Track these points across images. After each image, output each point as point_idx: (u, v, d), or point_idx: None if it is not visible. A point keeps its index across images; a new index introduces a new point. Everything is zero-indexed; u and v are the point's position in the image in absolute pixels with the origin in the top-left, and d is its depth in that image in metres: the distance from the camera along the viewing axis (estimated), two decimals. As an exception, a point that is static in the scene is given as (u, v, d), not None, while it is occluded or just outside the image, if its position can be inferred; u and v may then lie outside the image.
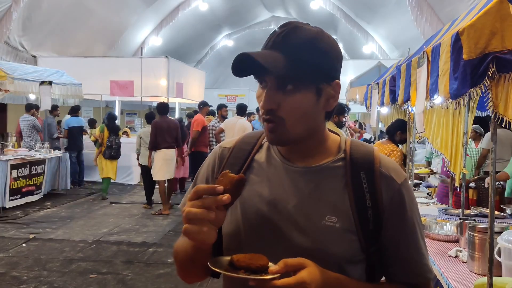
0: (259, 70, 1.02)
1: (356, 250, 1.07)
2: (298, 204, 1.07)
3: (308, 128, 1.08)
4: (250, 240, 1.09)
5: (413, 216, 1.11)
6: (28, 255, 5.64)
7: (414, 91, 3.16)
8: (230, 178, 0.96)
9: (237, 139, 1.24)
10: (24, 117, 9.68)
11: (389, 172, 1.10)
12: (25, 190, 8.27)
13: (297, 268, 0.94)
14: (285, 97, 1.03)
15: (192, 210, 0.93)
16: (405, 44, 10.92)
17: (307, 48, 1.03)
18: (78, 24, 12.63)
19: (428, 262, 1.14)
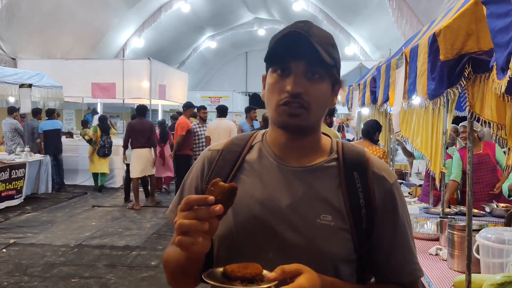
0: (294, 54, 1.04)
1: (350, 249, 1.08)
2: (292, 203, 1.08)
3: (319, 119, 1.12)
4: (243, 242, 1.09)
5: (403, 216, 1.14)
6: (9, 260, 5.54)
7: (392, 91, 3.20)
8: (221, 187, 0.95)
9: (226, 141, 1.24)
10: (6, 120, 9.53)
11: (381, 172, 1.13)
12: (4, 195, 8.13)
13: (294, 275, 0.94)
14: (311, 85, 1.06)
15: (185, 222, 0.92)
16: (386, 45, 11.04)
17: (329, 43, 1.09)
18: (59, 26, 12.47)
19: (418, 261, 1.16)
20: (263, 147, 1.17)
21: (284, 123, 1.08)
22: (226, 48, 24.27)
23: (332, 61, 1.07)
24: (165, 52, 17.91)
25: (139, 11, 15.23)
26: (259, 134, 1.22)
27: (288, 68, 1.06)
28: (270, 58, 1.09)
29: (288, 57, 1.06)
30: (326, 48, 1.06)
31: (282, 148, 1.14)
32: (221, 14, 19.53)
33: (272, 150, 1.15)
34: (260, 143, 1.19)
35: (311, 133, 1.13)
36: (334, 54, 1.09)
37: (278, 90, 1.07)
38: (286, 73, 1.06)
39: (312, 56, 1.03)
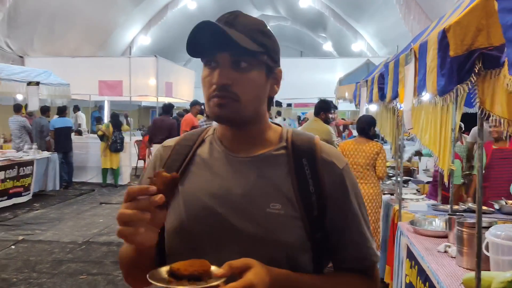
0: (215, 45, 1.03)
1: (302, 237, 1.07)
2: (243, 193, 1.07)
3: (257, 110, 1.10)
4: (196, 234, 1.08)
5: (355, 201, 1.13)
6: (17, 257, 5.58)
7: (402, 88, 3.17)
8: (163, 177, 0.95)
9: (179, 137, 1.25)
10: (13, 118, 9.59)
11: (330, 158, 1.12)
12: (12, 192, 8.18)
13: (243, 270, 0.93)
14: (240, 75, 1.05)
15: (126, 212, 0.92)
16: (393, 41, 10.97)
17: (258, 30, 1.08)
18: (66, 24, 12.52)
19: (373, 245, 1.16)
20: (213, 140, 1.17)
21: (215, 115, 1.08)
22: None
23: (261, 48, 1.06)
24: (171, 50, 17.93)
25: (145, 9, 15.26)
26: (211, 129, 1.22)
27: (215, 60, 1.06)
28: (192, 51, 1.07)
29: (212, 49, 1.05)
30: (252, 35, 1.05)
31: (230, 140, 1.14)
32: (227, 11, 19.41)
33: (221, 143, 1.15)
34: (211, 137, 1.19)
35: (251, 124, 1.11)
36: (263, 41, 1.07)
37: (208, 84, 1.07)
38: (214, 65, 1.06)
39: (234, 46, 1.01)
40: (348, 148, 4.77)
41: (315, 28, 20.15)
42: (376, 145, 4.76)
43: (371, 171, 4.69)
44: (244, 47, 1.01)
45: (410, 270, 3.29)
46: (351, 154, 4.74)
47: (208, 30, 1.02)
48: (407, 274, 3.42)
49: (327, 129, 5.52)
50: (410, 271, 3.30)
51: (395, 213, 4.36)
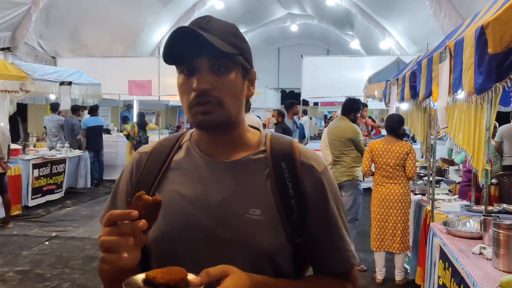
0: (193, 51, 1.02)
1: (283, 241, 1.06)
2: (221, 199, 1.06)
3: (238, 112, 1.09)
4: (175, 242, 1.07)
5: (334, 203, 1.12)
6: (51, 253, 5.73)
7: (436, 86, 3.12)
8: (145, 201, 0.92)
9: (155, 143, 1.22)
10: (51, 116, 9.85)
11: (309, 161, 1.11)
12: (46, 189, 8.40)
13: (221, 277, 0.92)
14: (219, 78, 1.04)
15: (108, 239, 0.90)
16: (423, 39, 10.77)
17: (231, 32, 1.07)
18: (96, 25, 12.76)
19: (351, 248, 1.15)
20: (190, 146, 1.15)
21: (198, 123, 1.07)
22: (258, 44, 24.27)
23: (236, 50, 1.05)
24: (198, 49, 18.04)
25: (173, 9, 15.40)
26: (188, 134, 1.20)
27: (192, 66, 1.04)
28: (169, 58, 1.05)
29: (189, 55, 1.03)
30: (227, 38, 1.04)
31: (208, 145, 1.13)
32: (254, 10, 19.54)
33: (199, 148, 1.14)
34: (188, 142, 1.17)
35: (232, 127, 1.10)
36: (237, 43, 1.07)
37: (187, 91, 1.05)
38: (191, 72, 1.04)
39: (212, 50, 1.00)
40: (377, 148, 4.69)
41: (342, 26, 19.96)
42: (406, 145, 4.67)
43: (400, 171, 4.61)
44: (221, 50, 1.00)
45: (444, 271, 3.23)
46: (380, 154, 4.66)
47: (184, 36, 1.01)
48: (440, 276, 3.36)
49: (354, 128, 5.42)
50: (443, 272, 3.24)
51: (427, 213, 4.29)
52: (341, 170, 5.29)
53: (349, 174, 5.25)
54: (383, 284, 4.83)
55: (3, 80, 7.45)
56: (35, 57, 11.21)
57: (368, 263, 5.37)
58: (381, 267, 4.86)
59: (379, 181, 4.71)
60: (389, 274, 4.95)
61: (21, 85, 7.90)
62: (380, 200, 4.67)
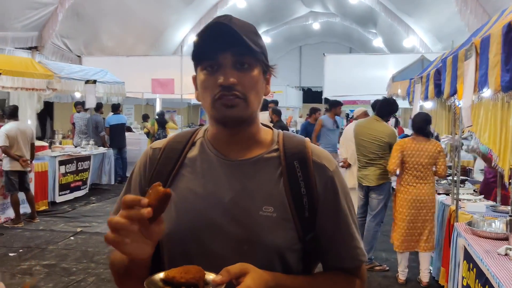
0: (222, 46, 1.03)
1: (294, 238, 1.08)
2: (234, 197, 1.08)
3: (256, 110, 1.11)
4: (188, 239, 1.08)
5: (345, 202, 1.14)
6: (76, 247, 5.85)
7: (461, 84, 3.07)
8: (156, 192, 0.93)
9: (168, 138, 1.23)
10: (82, 114, 10.05)
11: (321, 160, 1.13)
12: (73, 186, 8.57)
13: (239, 275, 0.94)
14: (243, 74, 1.06)
15: (114, 218, 0.91)
16: (448, 37, 10.60)
17: (252, 31, 1.09)
18: (120, 24, 12.95)
19: (361, 245, 1.17)
20: (204, 143, 1.16)
21: (222, 117, 1.07)
22: (280, 42, 24.24)
23: (259, 48, 1.07)
24: (220, 48, 18.12)
25: (196, 8, 15.50)
26: (201, 130, 1.21)
27: (217, 62, 1.05)
28: (198, 55, 1.07)
29: (215, 51, 1.04)
30: (250, 36, 1.05)
31: (222, 143, 1.14)
32: (276, 9, 19.51)
33: (212, 145, 1.15)
34: (202, 139, 1.18)
35: (250, 124, 1.12)
36: (259, 42, 1.09)
37: (211, 86, 1.06)
38: (215, 68, 1.06)
39: (239, 45, 1.02)
40: (408, 147, 4.52)
41: (365, 24, 19.77)
42: (436, 144, 4.53)
43: (430, 171, 4.49)
44: (250, 46, 1.02)
45: (468, 272, 3.18)
46: (412, 154, 4.49)
47: (213, 31, 1.03)
48: (464, 277, 3.31)
49: (393, 131, 5.15)
50: (467, 273, 3.20)
51: (451, 213, 4.24)
52: (377, 173, 5.07)
53: (385, 176, 5.07)
54: (405, 285, 4.78)
55: (30, 78, 7.63)
56: (61, 56, 11.44)
57: (390, 263, 5.32)
58: (404, 267, 4.79)
59: (409, 181, 4.54)
60: (411, 274, 4.90)
61: (48, 83, 8.07)
62: (411, 201, 4.51)
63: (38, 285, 4.60)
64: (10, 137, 6.54)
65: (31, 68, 7.77)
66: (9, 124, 6.72)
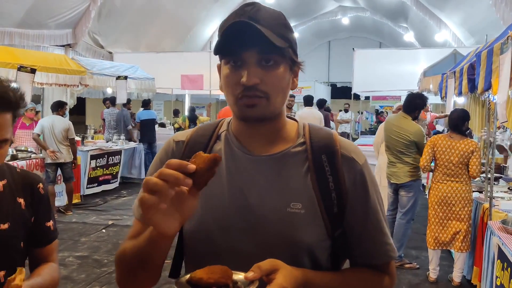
0: (242, 45, 0.99)
1: (322, 235, 1.06)
2: (262, 193, 1.05)
3: (281, 105, 1.08)
4: (214, 235, 1.06)
5: (374, 197, 1.11)
6: (108, 240, 5.98)
7: (496, 79, 2.99)
8: (202, 157, 0.87)
9: (190, 131, 1.19)
10: (111, 110, 10.27)
11: (350, 154, 1.09)
12: (102, 179, 8.75)
13: (270, 272, 0.91)
14: (267, 72, 1.02)
15: (152, 179, 0.84)
16: (481, 31, 10.31)
17: (281, 24, 1.04)
18: (150, 20, 13.11)
19: (391, 241, 1.14)
20: (229, 137, 1.13)
21: (244, 116, 1.05)
22: (308, 37, 24.06)
23: (286, 43, 1.02)
24: (249, 44, 18.14)
25: (224, 4, 15.56)
26: (225, 123, 1.17)
27: (240, 58, 1.01)
28: (220, 51, 1.03)
29: (238, 47, 1.00)
30: (277, 30, 1.01)
31: (247, 138, 1.11)
32: (305, 3, 19.38)
33: (237, 140, 1.12)
34: (226, 132, 1.14)
35: (273, 120, 1.08)
36: (287, 35, 1.04)
37: (233, 83, 1.02)
38: (239, 64, 1.02)
39: (263, 44, 0.98)
40: (440, 144, 4.43)
41: (396, 18, 19.43)
42: (471, 143, 4.39)
43: (463, 169, 4.35)
44: (274, 43, 0.98)
45: (502, 272, 3.11)
46: (443, 151, 4.40)
47: (236, 27, 0.98)
48: (498, 276, 3.24)
49: (420, 130, 5.00)
50: (501, 273, 3.13)
51: (484, 211, 4.14)
52: (404, 170, 4.99)
53: (414, 174, 4.99)
54: (436, 283, 4.70)
55: (63, 74, 7.82)
56: (93, 53, 11.68)
57: (420, 261, 5.25)
58: (436, 265, 4.71)
59: (440, 178, 4.46)
60: (442, 273, 4.81)
61: (81, 79, 8.26)
62: (441, 198, 4.42)
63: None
64: (45, 128, 6.83)
65: (64, 65, 7.97)
66: (48, 116, 7.02)
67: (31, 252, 1.52)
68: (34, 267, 1.51)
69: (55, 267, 1.53)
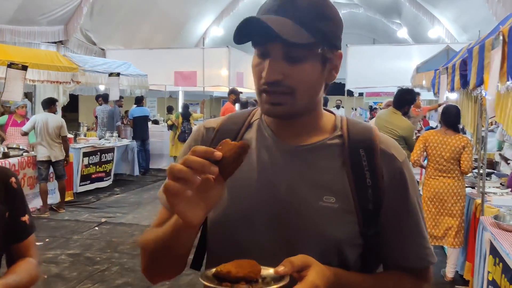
0: (265, 37, 0.94)
1: (355, 232, 1.00)
2: (292, 185, 1.00)
3: (311, 101, 1.02)
4: (240, 227, 1.02)
5: (414, 197, 1.05)
6: (101, 237, 5.96)
7: (487, 74, 2.99)
8: (230, 145, 0.85)
9: (222, 118, 1.15)
10: (104, 107, 10.21)
11: (390, 150, 1.04)
12: (94, 176, 8.70)
13: (302, 268, 0.87)
14: (291, 67, 0.96)
15: (177, 165, 0.82)
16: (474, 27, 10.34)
17: (314, 13, 0.96)
18: (143, 17, 13.05)
19: (430, 245, 1.07)
20: (262, 125, 1.08)
21: (266, 112, 1.01)
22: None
23: (315, 38, 0.94)
24: (242, 40, 18.10)
25: (218, 0, 15.52)
26: (258, 111, 1.11)
27: (267, 49, 0.97)
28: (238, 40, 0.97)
29: (264, 39, 0.95)
30: (308, 22, 0.94)
31: (280, 127, 1.06)
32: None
33: (270, 129, 1.07)
34: (259, 121, 1.10)
35: (304, 115, 1.03)
36: (321, 27, 0.96)
37: (258, 75, 0.99)
38: (265, 54, 0.97)
39: (289, 39, 0.91)
40: (432, 139, 4.44)
41: (389, 15, 19.43)
42: (462, 138, 4.40)
43: (455, 165, 4.36)
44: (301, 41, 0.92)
45: (494, 267, 3.12)
46: (435, 146, 4.41)
47: (255, 25, 0.93)
48: (490, 271, 3.24)
49: (409, 126, 5.00)
50: (493, 268, 3.13)
51: (476, 207, 4.15)
52: None
53: None
54: (429, 278, 4.71)
55: (55, 71, 7.76)
56: (85, 50, 11.61)
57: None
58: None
59: (432, 174, 4.47)
60: (435, 268, 4.83)
61: (73, 76, 8.21)
62: (434, 194, 4.43)
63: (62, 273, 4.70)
64: (39, 125, 6.79)
65: (56, 61, 7.91)
66: (42, 113, 6.97)
67: (8, 248, 1.49)
68: (11, 264, 1.48)
69: (33, 262, 1.50)
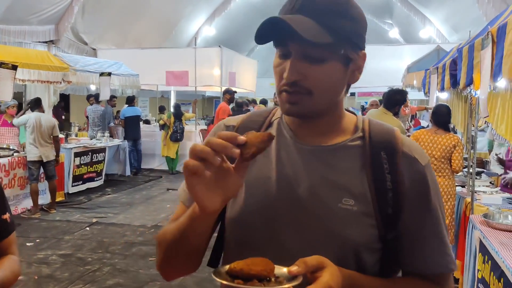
0: (286, 37, 0.93)
1: (373, 236, 0.98)
2: (311, 186, 0.99)
3: (331, 101, 1.01)
4: (257, 225, 1.01)
5: (436, 202, 1.02)
6: (92, 238, 5.93)
7: (477, 74, 3.02)
8: (255, 134, 0.85)
9: (243, 116, 1.15)
10: (95, 107, 10.16)
11: (412, 153, 1.02)
12: (86, 177, 8.66)
13: (316, 269, 0.85)
14: (312, 68, 0.95)
15: (199, 145, 0.82)
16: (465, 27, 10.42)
17: (337, 13, 0.95)
18: (134, 16, 13.00)
19: (451, 252, 1.05)
20: (281, 125, 1.08)
21: (286, 112, 1.00)
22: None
23: (338, 36, 0.93)
24: (234, 40, 18.11)
25: (210, 0, 15.50)
26: (279, 110, 1.11)
27: (287, 49, 0.96)
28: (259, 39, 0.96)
29: (284, 38, 0.95)
30: (327, 21, 0.93)
31: (299, 127, 1.05)
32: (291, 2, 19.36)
33: (290, 128, 1.06)
34: (279, 120, 1.09)
35: (326, 115, 1.02)
36: (342, 26, 0.94)
37: (279, 75, 0.98)
38: (286, 54, 0.97)
39: (308, 39, 0.90)
40: (423, 139, 4.48)
41: (381, 15, 19.52)
42: (453, 137, 4.45)
43: (445, 164, 4.41)
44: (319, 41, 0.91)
45: (483, 265, 3.15)
46: (426, 145, 4.45)
47: (276, 24, 0.92)
48: (479, 269, 3.27)
49: (400, 125, 4.98)
50: (482, 266, 3.16)
51: (466, 205, 4.19)
52: None
53: None
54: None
55: (46, 71, 7.71)
56: (76, 49, 11.54)
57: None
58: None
59: None
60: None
61: (63, 76, 8.16)
62: None
63: (53, 274, 4.68)
64: (31, 123, 6.72)
65: (47, 61, 7.86)
66: (35, 113, 6.90)
67: None
68: None
69: (15, 260, 1.50)
